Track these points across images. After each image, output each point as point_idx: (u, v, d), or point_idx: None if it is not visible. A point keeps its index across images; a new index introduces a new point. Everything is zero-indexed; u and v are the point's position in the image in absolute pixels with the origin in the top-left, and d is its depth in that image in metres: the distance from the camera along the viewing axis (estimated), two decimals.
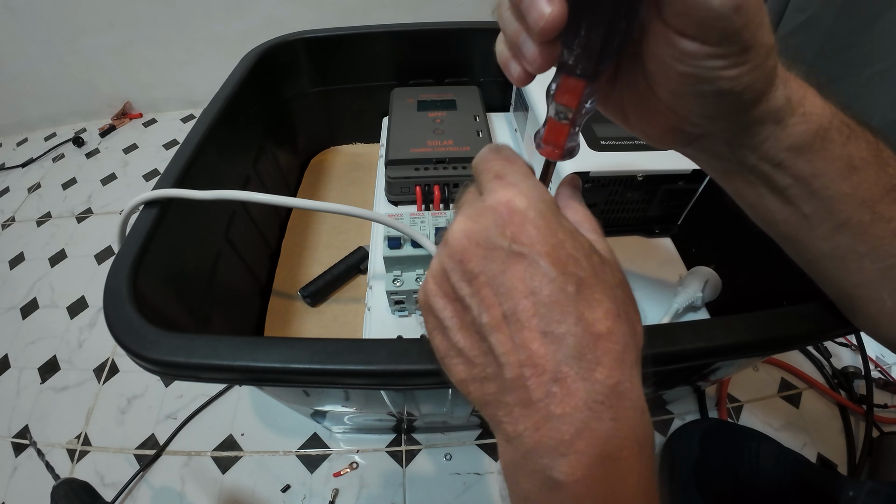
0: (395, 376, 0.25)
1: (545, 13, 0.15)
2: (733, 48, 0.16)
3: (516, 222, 0.16)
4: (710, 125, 0.20)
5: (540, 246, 0.16)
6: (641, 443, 0.15)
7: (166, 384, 0.60)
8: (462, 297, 0.16)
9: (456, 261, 0.17)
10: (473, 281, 0.16)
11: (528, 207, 0.16)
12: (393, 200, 0.53)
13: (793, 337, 0.27)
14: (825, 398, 0.56)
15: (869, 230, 0.21)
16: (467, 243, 0.16)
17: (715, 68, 0.17)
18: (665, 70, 0.18)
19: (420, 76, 0.62)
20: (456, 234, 0.17)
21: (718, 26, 0.16)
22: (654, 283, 0.46)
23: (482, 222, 0.16)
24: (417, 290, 0.40)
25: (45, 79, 0.99)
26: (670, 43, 0.17)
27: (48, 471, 0.45)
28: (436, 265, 0.18)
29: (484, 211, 0.17)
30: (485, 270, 0.16)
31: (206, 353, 0.25)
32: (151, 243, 0.33)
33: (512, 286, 0.15)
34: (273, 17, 0.93)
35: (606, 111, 0.24)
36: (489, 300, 0.16)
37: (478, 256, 0.16)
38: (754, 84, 0.18)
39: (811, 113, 0.20)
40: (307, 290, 0.51)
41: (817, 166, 0.20)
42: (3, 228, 0.84)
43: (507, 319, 0.15)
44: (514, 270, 0.15)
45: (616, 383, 0.15)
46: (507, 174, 0.18)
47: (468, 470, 0.51)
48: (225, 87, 0.47)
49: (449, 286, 0.17)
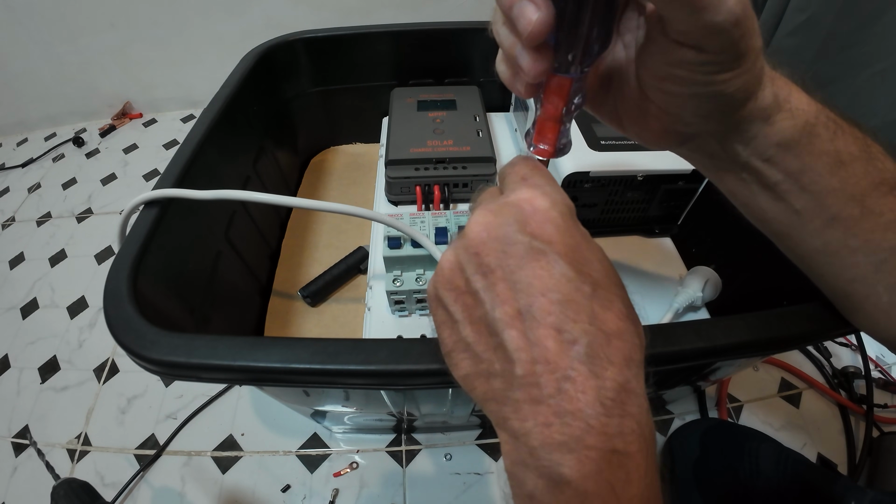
0: (395, 376, 0.25)
1: (532, 19, 0.16)
2: (729, 56, 0.17)
3: (538, 220, 0.16)
4: (702, 124, 0.21)
5: (559, 245, 0.16)
6: (647, 439, 0.15)
7: (166, 384, 0.60)
8: (476, 291, 0.16)
9: (472, 253, 0.17)
10: (490, 275, 0.16)
11: (550, 207, 0.17)
12: (393, 200, 0.53)
13: (793, 337, 0.27)
14: (825, 398, 0.56)
15: (859, 224, 0.21)
16: (486, 237, 0.16)
17: (710, 73, 0.18)
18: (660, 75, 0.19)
19: (420, 76, 0.62)
20: (475, 226, 0.17)
21: (718, 39, 0.16)
22: (654, 283, 0.46)
23: (503, 217, 0.17)
24: (417, 290, 0.40)
25: (45, 79, 0.99)
26: (669, 52, 0.18)
27: (48, 471, 0.45)
28: (450, 257, 0.18)
29: (506, 206, 0.17)
30: (502, 265, 0.16)
31: (206, 353, 0.25)
32: (151, 243, 0.33)
33: (529, 282, 0.15)
34: (273, 17, 0.93)
35: (601, 116, 0.24)
36: (504, 295, 0.16)
37: (496, 250, 0.16)
38: (746, 85, 0.19)
39: (797, 109, 0.20)
40: (307, 290, 0.51)
41: (805, 161, 0.21)
42: (3, 228, 0.84)
43: (521, 315, 0.15)
44: (532, 267, 0.16)
45: (625, 381, 0.15)
46: (532, 177, 0.19)
47: (468, 470, 0.51)
48: (225, 87, 0.47)
49: (462, 279, 0.17)
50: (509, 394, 0.15)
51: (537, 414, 0.15)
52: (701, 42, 0.17)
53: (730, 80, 0.18)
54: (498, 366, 0.16)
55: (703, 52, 0.17)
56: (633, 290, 0.45)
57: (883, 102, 0.60)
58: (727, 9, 0.16)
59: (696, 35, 0.17)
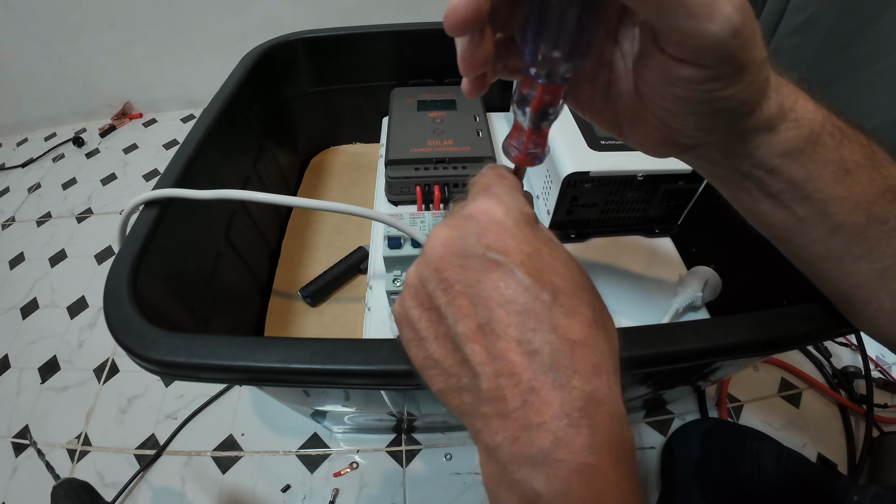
0: (395, 376, 0.25)
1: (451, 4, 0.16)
2: (729, 69, 0.17)
3: (493, 231, 0.16)
4: (704, 137, 0.20)
5: (515, 255, 0.15)
6: (620, 452, 0.14)
7: (166, 384, 0.60)
8: (438, 307, 0.16)
9: (433, 269, 0.16)
10: (449, 290, 0.16)
11: (504, 216, 0.16)
12: (393, 200, 0.53)
13: (793, 337, 0.27)
14: (825, 398, 0.56)
15: (864, 232, 0.21)
16: (444, 251, 0.16)
17: (711, 89, 0.17)
18: (660, 92, 0.19)
19: (420, 76, 0.62)
20: (433, 242, 0.17)
21: (716, 51, 0.16)
22: (654, 283, 0.46)
23: (460, 230, 0.16)
24: None
25: (45, 79, 0.99)
26: (665, 69, 0.17)
27: (48, 471, 0.45)
28: (412, 275, 0.17)
29: (462, 220, 0.17)
30: (461, 279, 0.16)
31: (206, 353, 0.25)
32: (151, 243, 0.33)
33: (487, 295, 0.15)
34: (273, 17, 0.93)
35: (600, 124, 0.24)
36: (464, 310, 0.15)
37: (454, 265, 0.16)
38: (749, 98, 0.18)
39: (803, 118, 0.20)
40: (307, 290, 0.51)
41: (810, 170, 0.20)
42: (3, 228, 0.84)
43: (482, 329, 0.15)
44: (489, 279, 0.15)
45: (593, 390, 0.14)
46: (493, 186, 0.18)
47: (468, 470, 0.51)
48: (225, 87, 0.47)
49: (425, 295, 0.17)
50: (479, 408, 0.15)
51: (506, 428, 0.14)
52: (697, 56, 0.16)
53: (732, 96, 0.17)
54: (466, 380, 0.16)
55: (701, 69, 0.16)
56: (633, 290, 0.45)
57: (883, 102, 0.60)
58: (724, 16, 0.15)
59: (692, 48, 0.16)
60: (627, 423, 0.15)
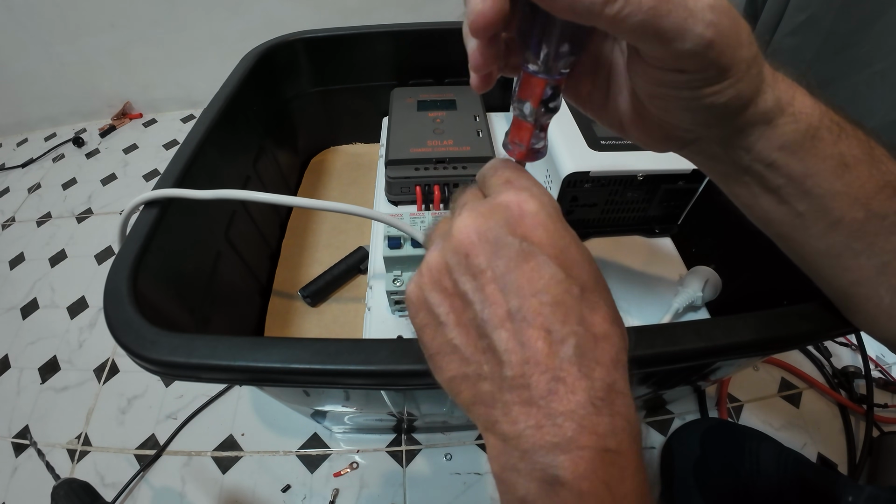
0: (395, 376, 0.25)
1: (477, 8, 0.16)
2: (712, 72, 0.17)
3: (528, 222, 0.16)
4: (702, 131, 0.21)
5: (550, 248, 0.16)
6: (636, 437, 0.15)
7: (166, 384, 0.60)
8: (464, 293, 0.16)
9: (462, 255, 0.17)
10: (479, 276, 0.16)
11: (539, 209, 0.17)
12: (393, 200, 0.53)
13: (793, 337, 0.27)
14: (825, 398, 0.56)
15: (863, 227, 0.21)
16: (476, 238, 0.16)
17: (696, 88, 0.18)
18: (650, 92, 0.19)
19: (420, 76, 0.62)
20: (463, 228, 0.17)
21: (694, 60, 0.16)
22: (654, 283, 0.46)
23: (493, 219, 0.17)
24: None
25: (45, 79, 0.99)
26: (650, 73, 0.18)
27: (48, 471, 0.45)
28: (435, 258, 0.17)
29: (495, 208, 0.17)
30: (492, 266, 0.16)
31: (206, 353, 0.25)
32: (151, 243, 0.33)
33: (520, 284, 0.15)
34: (273, 17, 0.93)
35: (601, 120, 0.24)
36: (494, 297, 0.16)
37: (486, 252, 0.16)
38: (739, 94, 0.18)
39: (801, 112, 0.20)
40: (307, 290, 0.51)
41: (809, 165, 0.20)
42: (3, 228, 0.84)
43: (511, 317, 0.15)
44: (522, 269, 0.16)
45: (613, 381, 0.15)
46: (517, 179, 0.19)
47: (468, 470, 0.51)
48: (225, 87, 0.47)
49: (450, 281, 0.17)
50: (499, 396, 0.15)
51: (528, 416, 0.15)
52: (677, 64, 0.17)
53: (720, 92, 0.18)
54: (487, 368, 0.16)
55: (682, 73, 0.17)
56: (633, 290, 0.45)
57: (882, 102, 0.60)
58: (695, 36, 0.15)
59: (670, 61, 0.17)
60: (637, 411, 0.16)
